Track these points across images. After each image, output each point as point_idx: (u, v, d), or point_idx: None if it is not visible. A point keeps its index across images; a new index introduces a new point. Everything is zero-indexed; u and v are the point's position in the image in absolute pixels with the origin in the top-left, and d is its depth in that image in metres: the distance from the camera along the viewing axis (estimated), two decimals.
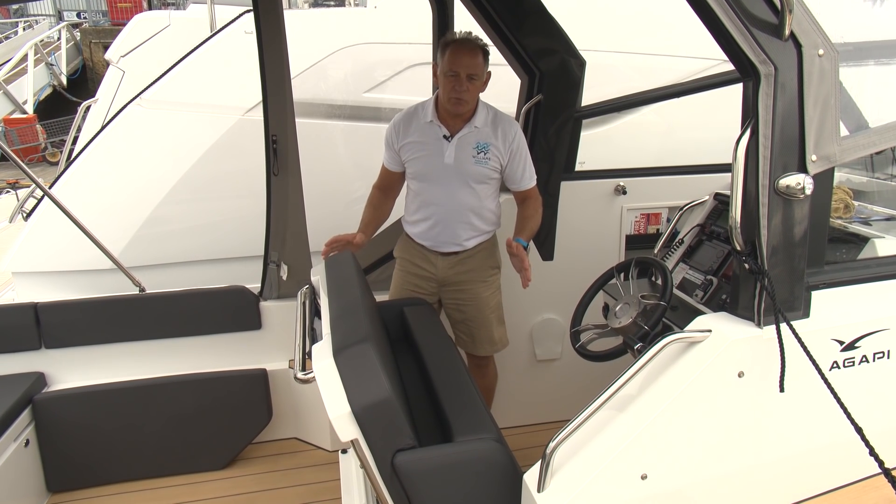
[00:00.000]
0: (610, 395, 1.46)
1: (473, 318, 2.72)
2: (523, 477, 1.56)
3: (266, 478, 2.99)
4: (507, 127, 2.52)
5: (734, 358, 1.51)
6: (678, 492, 1.55)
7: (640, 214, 3.22)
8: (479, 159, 2.51)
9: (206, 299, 3.09)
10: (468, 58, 2.36)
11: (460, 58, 2.36)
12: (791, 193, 1.49)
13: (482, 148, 2.50)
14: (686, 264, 2.41)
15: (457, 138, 2.49)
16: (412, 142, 2.55)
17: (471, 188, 2.56)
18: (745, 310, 1.58)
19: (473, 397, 1.89)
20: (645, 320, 1.96)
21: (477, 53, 2.38)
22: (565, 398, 2.58)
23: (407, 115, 2.59)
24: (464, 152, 2.50)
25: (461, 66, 2.36)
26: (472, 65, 2.37)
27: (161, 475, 2.98)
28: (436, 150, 2.52)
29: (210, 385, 2.98)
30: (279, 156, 2.94)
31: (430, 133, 2.52)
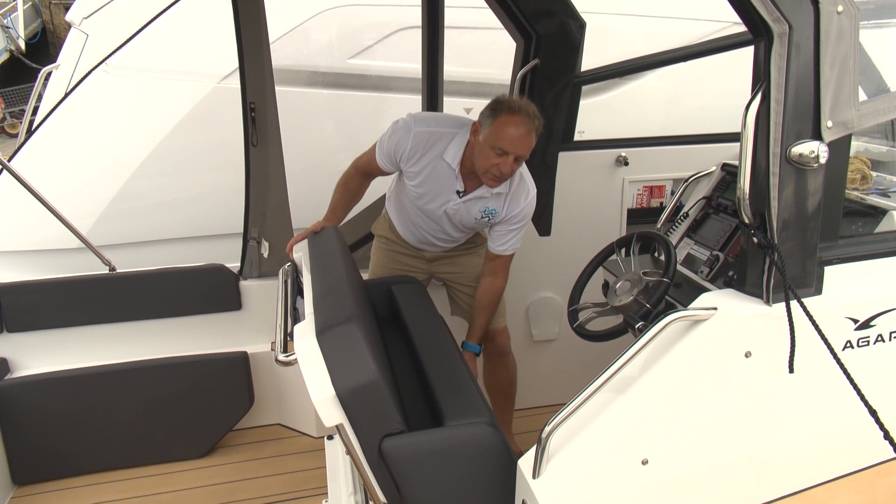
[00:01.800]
0: (609, 377, 1.45)
1: (471, 288, 2.72)
2: (518, 463, 1.55)
3: (248, 466, 2.99)
4: (516, 200, 2.42)
5: (741, 337, 1.50)
6: (681, 478, 1.55)
7: (642, 187, 3.20)
8: (480, 221, 2.49)
9: (181, 278, 3.06)
10: (525, 139, 2.20)
11: (515, 139, 2.18)
12: (804, 162, 1.47)
13: (489, 213, 2.45)
14: (691, 239, 2.40)
15: (469, 197, 2.43)
16: (421, 179, 2.44)
17: (462, 232, 2.61)
18: (753, 286, 1.57)
19: (465, 379, 1.88)
20: (647, 298, 1.95)
21: (532, 133, 2.21)
22: (563, 381, 2.58)
23: (427, 140, 2.38)
24: (469, 212, 2.46)
25: (513, 147, 2.19)
26: (525, 146, 2.22)
27: (135, 465, 2.97)
28: (441, 197, 2.45)
29: (187, 369, 2.97)
30: (258, 125, 2.90)
31: (444, 178, 2.40)
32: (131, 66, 3.97)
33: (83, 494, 2.83)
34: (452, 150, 2.36)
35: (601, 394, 1.48)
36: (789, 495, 1.67)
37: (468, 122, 2.41)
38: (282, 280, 2.30)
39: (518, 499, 1.56)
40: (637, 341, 1.48)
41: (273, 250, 3.11)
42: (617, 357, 1.48)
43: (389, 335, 2.33)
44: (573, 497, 1.45)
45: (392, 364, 2.14)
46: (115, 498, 2.81)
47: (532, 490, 1.46)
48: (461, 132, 2.37)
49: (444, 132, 2.38)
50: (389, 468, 1.56)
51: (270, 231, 3.10)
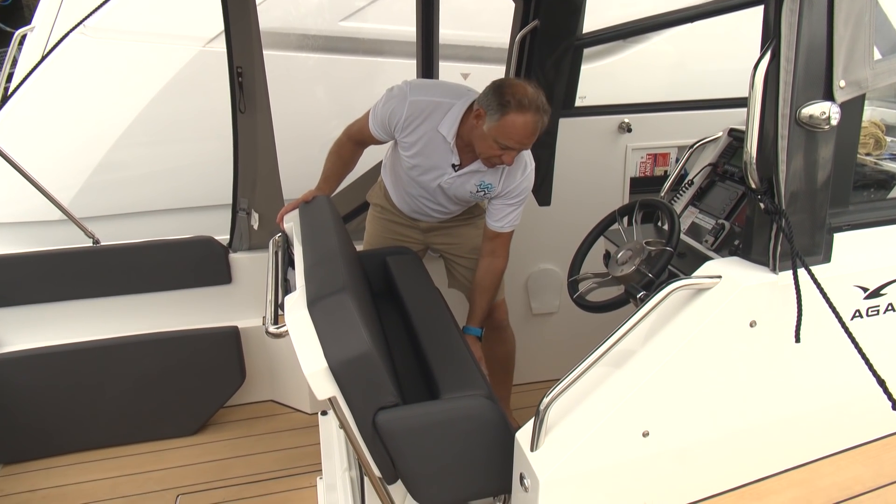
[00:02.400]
0: (609, 347, 1.45)
1: (468, 260, 2.72)
2: (515, 436, 1.56)
3: (240, 443, 3.01)
4: (513, 174, 2.40)
5: (746, 305, 1.50)
6: (683, 450, 1.55)
7: (646, 155, 3.19)
8: (475, 195, 2.48)
9: (168, 251, 3.05)
10: (531, 136, 2.19)
11: (522, 137, 2.18)
12: (815, 124, 1.45)
13: (484, 187, 2.44)
14: (696, 208, 2.39)
15: (465, 171, 2.41)
16: (416, 150, 2.42)
17: (457, 204, 2.59)
18: (759, 254, 1.57)
19: (462, 352, 1.88)
20: (649, 267, 1.94)
21: (539, 128, 2.19)
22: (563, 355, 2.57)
23: (423, 110, 2.35)
24: (464, 185, 2.45)
25: (518, 145, 2.20)
26: (531, 141, 2.22)
27: (124, 443, 2.99)
28: (436, 170, 2.44)
29: (176, 345, 2.97)
30: (245, 90, 2.87)
31: (439, 151, 2.39)
32: (111, 28, 3.90)
33: (70, 473, 2.85)
34: (448, 121, 2.33)
35: (601, 365, 1.47)
36: (794, 468, 1.69)
37: (466, 91, 2.37)
38: (272, 251, 2.30)
39: (516, 472, 1.57)
40: (638, 311, 1.48)
41: (263, 222, 3.09)
42: (618, 327, 1.47)
43: (384, 307, 2.33)
44: (572, 470, 1.45)
45: (387, 337, 2.14)
46: (104, 476, 2.83)
47: (530, 463, 1.47)
48: (459, 103, 2.33)
49: (440, 102, 2.34)
50: (384, 442, 1.57)
51: (260, 202, 3.08)
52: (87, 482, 2.80)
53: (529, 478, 1.48)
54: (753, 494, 1.63)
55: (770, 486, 1.64)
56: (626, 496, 1.55)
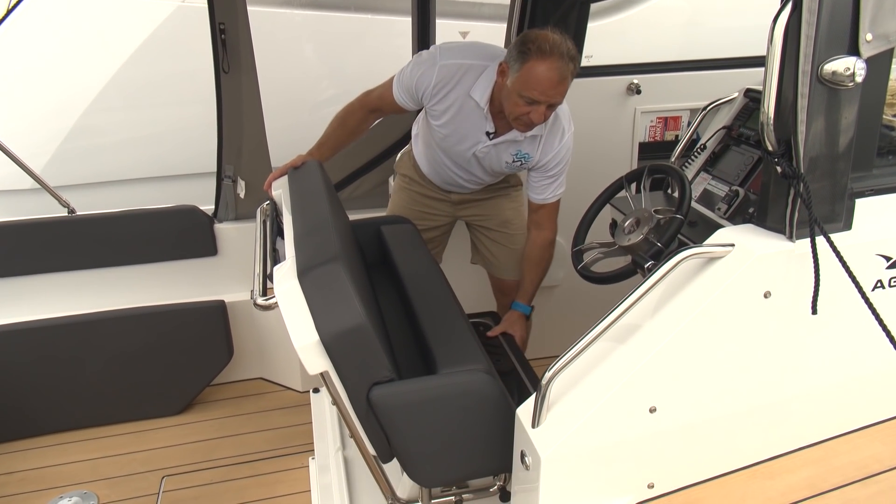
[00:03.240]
0: (615, 319, 1.44)
1: (496, 234, 2.71)
2: (516, 412, 1.56)
3: (228, 423, 3.02)
4: (550, 142, 2.35)
5: (760, 275, 1.49)
6: (692, 427, 1.56)
7: (656, 118, 3.17)
8: (512, 166, 2.44)
9: (150, 221, 3.04)
10: (558, 86, 2.07)
11: (546, 86, 2.06)
12: (838, 81, 1.43)
13: (521, 157, 2.39)
14: (708, 174, 2.38)
15: (500, 140, 2.35)
16: (447, 118, 2.37)
17: (492, 175, 2.56)
18: (774, 221, 1.55)
19: (461, 325, 1.88)
20: (658, 237, 1.95)
21: (567, 78, 2.07)
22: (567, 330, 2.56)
23: (453, 75, 2.28)
24: (499, 155, 2.40)
25: (544, 96, 2.08)
26: (559, 93, 2.09)
27: (106, 423, 3.00)
28: (470, 139, 2.39)
29: (159, 320, 2.97)
30: (229, 49, 2.83)
31: (472, 118, 2.33)
32: None
33: (49, 455, 2.87)
34: (481, 85, 2.26)
35: (606, 338, 1.47)
36: (808, 446, 1.69)
37: (501, 52, 2.31)
38: (260, 219, 2.28)
39: (516, 449, 1.58)
40: (646, 281, 1.47)
41: (250, 190, 3.07)
42: (624, 298, 1.46)
43: (378, 279, 2.33)
44: (575, 447, 1.46)
45: (382, 309, 2.14)
46: (84, 458, 2.84)
47: (531, 440, 1.47)
48: (492, 65, 2.26)
49: (472, 65, 2.28)
50: (379, 418, 1.57)
51: (247, 169, 3.06)
52: (67, 464, 2.82)
53: (531, 455, 1.49)
54: (765, 473, 1.63)
55: (783, 465, 1.65)
56: (631, 474, 1.55)
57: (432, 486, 1.85)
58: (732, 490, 1.60)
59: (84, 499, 2.63)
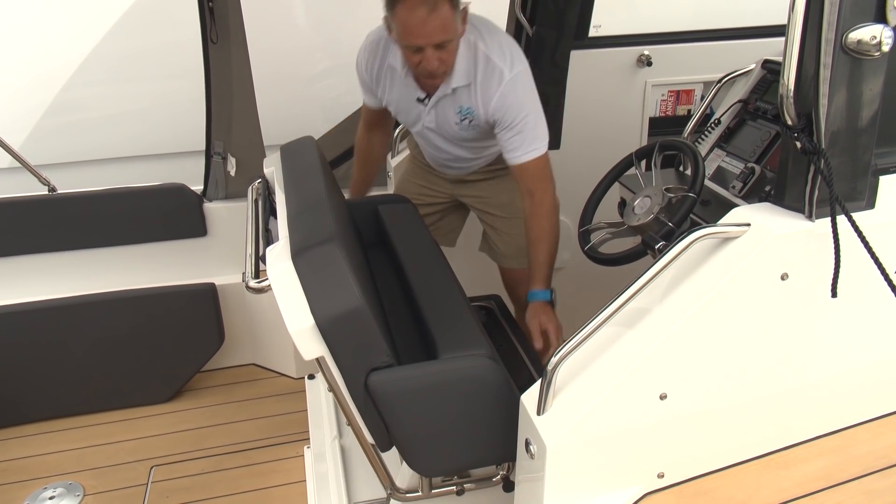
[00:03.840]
0: (625, 302, 1.44)
1: (495, 218, 2.66)
2: (521, 398, 1.56)
3: (219, 411, 3.03)
4: (487, 89, 2.20)
5: (777, 256, 1.48)
6: (704, 415, 1.56)
7: (667, 91, 3.16)
8: (463, 126, 2.33)
9: (136, 200, 3.03)
10: (430, 23, 1.97)
11: (416, 28, 1.99)
12: (863, 51, 1.41)
13: (466, 113, 2.29)
14: (722, 150, 2.37)
15: (434, 100, 2.29)
16: (388, 97, 2.37)
17: (464, 147, 2.47)
18: (793, 199, 1.55)
19: (462, 309, 1.87)
20: (669, 216, 1.94)
21: (438, 6, 1.96)
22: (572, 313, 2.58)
23: (371, 51, 2.30)
24: (446, 118, 2.33)
25: (420, 39, 2.01)
26: (436, 29, 1.99)
27: (92, 411, 3.01)
28: (413, 112, 2.37)
29: (147, 303, 2.97)
30: (217, 18, 2.81)
31: (403, 89, 2.32)
32: None
33: (32, 444, 2.88)
34: (395, 51, 2.23)
35: (615, 321, 1.47)
36: (826, 435, 1.70)
37: None
38: (251, 198, 2.27)
39: (521, 437, 1.58)
40: (657, 262, 1.47)
41: (241, 167, 3.07)
42: (633, 280, 1.46)
43: (376, 260, 2.32)
44: (582, 435, 1.46)
45: (380, 292, 2.13)
46: (70, 447, 2.85)
47: (536, 428, 1.47)
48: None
49: (382, 33, 2.26)
50: (377, 405, 1.57)
51: (237, 145, 3.05)
52: (52, 454, 2.83)
53: (536, 443, 1.49)
54: (780, 463, 1.63)
55: (799, 454, 1.65)
56: (640, 463, 1.55)
57: (432, 476, 1.85)
58: (746, 480, 1.60)
59: (69, 490, 2.64)
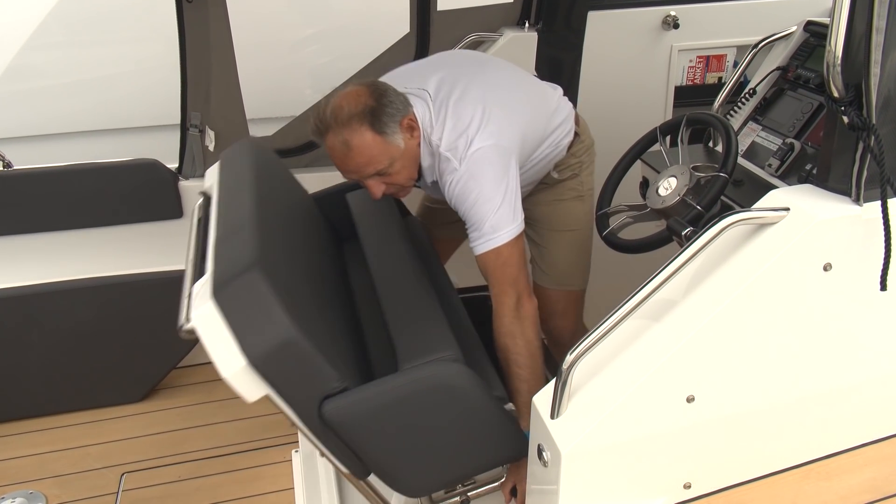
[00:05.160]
0: (648, 294, 1.44)
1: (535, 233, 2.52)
2: (533, 400, 1.57)
3: (197, 411, 3.04)
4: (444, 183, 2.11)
5: (820, 244, 1.48)
6: (735, 419, 1.56)
7: (696, 57, 3.17)
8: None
9: (103, 178, 3.03)
10: (353, 162, 2.01)
11: (343, 165, 2.05)
12: None
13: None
14: (757, 124, 2.37)
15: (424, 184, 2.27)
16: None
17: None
18: (838, 181, 1.54)
19: (425, 307, 1.87)
20: (697, 198, 1.94)
21: (352, 140, 1.97)
22: (589, 307, 2.59)
23: None
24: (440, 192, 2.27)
25: (352, 174, 2.06)
26: (364, 165, 2.01)
27: (56, 412, 3.01)
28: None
29: (116, 293, 2.96)
30: None
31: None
32: None
33: None
34: None
35: (637, 315, 1.46)
36: (872, 443, 1.70)
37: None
38: (195, 218, 2.19)
39: (532, 443, 1.58)
40: (683, 251, 1.47)
41: (221, 141, 3.06)
42: (658, 270, 1.46)
43: (354, 257, 2.32)
44: (600, 441, 1.46)
45: (356, 294, 2.14)
46: (30, 453, 2.85)
47: (550, 432, 1.47)
48: None
49: None
50: (338, 434, 1.59)
51: (216, 116, 3.04)
52: (11, 459, 2.83)
53: (549, 450, 1.49)
54: (821, 473, 1.64)
55: (842, 464, 1.65)
56: (665, 473, 1.56)
57: (422, 496, 1.86)
58: (782, 492, 1.61)
59: (30, 500, 2.65)
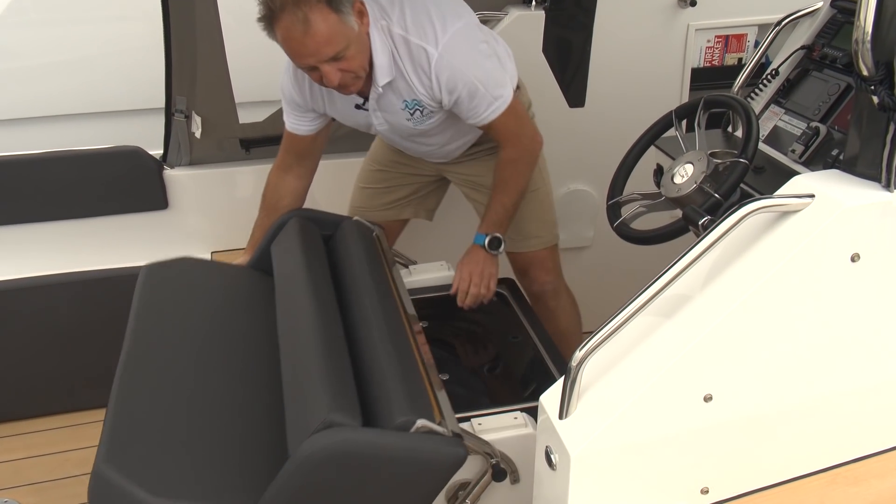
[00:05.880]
0: (663, 287, 1.43)
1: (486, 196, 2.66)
2: (540, 400, 1.57)
3: None
4: (420, 76, 2.26)
5: (847, 233, 1.47)
6: (757, 420, 1.55)
7: (714, 37, 3.18)
8: (417, 119, 2.37)
9: (81, 166, 3.02)
10: (311, 43, 2.04)
11: (297, 49, 2.08)
12: None
13: (413, 106, 2.34)
14: (780, 106, 2.37)
15: (372, 104, 2.36)
16: (329, 111, 2.48)
17: (433, 137, 2.50)
18: (867, 165, 1.53)
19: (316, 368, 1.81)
20: (715, 186, 1.93)
21: (315, 22, 2.01)
22: (599, 301, 2.59)
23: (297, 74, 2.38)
24: (395, 117, 2.38)
25: (309, 58, 2.09)
26: (323, 45, 2.05)
27: (30, 416, 3.02)
28: (361, 120, 2.46)
29: (96, 289, 2.97)
30: None
31: (340, 100, 2.39)
32: None
33: None
34: None
35: (651, 310, 1.46)
36: None
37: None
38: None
39: (539, 446, 1.58)
40: (700, 240, 1.46)
41: (208, 128, 3.06)
42: (673, 262, 1.45)
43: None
44: (612, 442, 1.46)
45: None
46: (6, 458, 2.86)
47: (558, 433, 1.47)
48: None
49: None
50: None
51: (203, 101, 3.05)
52: None
53: (558, 452, 1.49)
54: (849, 478, 1.63)
55: (872, 468, 1.65)
56: (681, 477, 1.55)
57: None
58: (807, 498, 1.60)
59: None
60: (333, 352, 1.87)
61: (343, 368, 1.82)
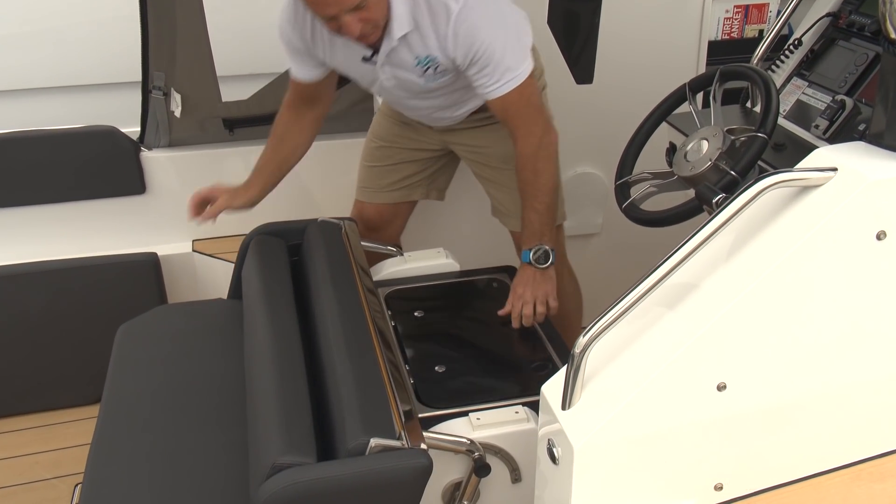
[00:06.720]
0: (672, 268, 1.43)
1: (497, 172, 2.70)
2: (542, 390, 1.57)
3: None
4: (438, 31, 2.30)
5: (873, 209, 1.47)
6: (774, 411, 1.55)
7: (733, 7, 3.16)
8: (429, 76, 2.40)
9: (53, 147, 3.02)
10: None
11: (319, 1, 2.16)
12: None
13: (427, 62, 2.36)
14: (803, 79, 2.36)
15: (382, 57, 2.38)
16: (329, 60, 2.49)
17: (440, 96, 2.53)
18: (895, 137, 1.53)
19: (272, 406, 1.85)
20: (731, 163, 1.92)
21: None
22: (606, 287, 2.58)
23: (296, 11, 2.40)
24: (405, 72, 2.39)
25: (331, 7, 2.14)
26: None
27: (1, 415, 3.02)
28: (366, 73, 2.48)
29: (69, 278, 2.98)
30: None
31: (345, 49, 2.41)
32: None
33: None
34: None
35: (660, 293, 1.46)
36: None
37: None
38: None
39: (541, 438, 1.59)
40: (714, 216, 1.46)
41: (189, 106, 3.07)
42: (685, 239, 1.45)
43: None
44: (618, 434, 1.46)
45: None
46: None
47: (561, 425, 1.48)
48: None
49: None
50: None
51: (183, 77, 3.05)
52: None
53: (560, 445, 1.49)
54: (875, 474, 1.63)
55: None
56: (692, 472, 1.56)
57: None
58: (829, 496, 1.61)
59: None
60: (287, 385, 1.89)
61: (298, 402, 1.84)
